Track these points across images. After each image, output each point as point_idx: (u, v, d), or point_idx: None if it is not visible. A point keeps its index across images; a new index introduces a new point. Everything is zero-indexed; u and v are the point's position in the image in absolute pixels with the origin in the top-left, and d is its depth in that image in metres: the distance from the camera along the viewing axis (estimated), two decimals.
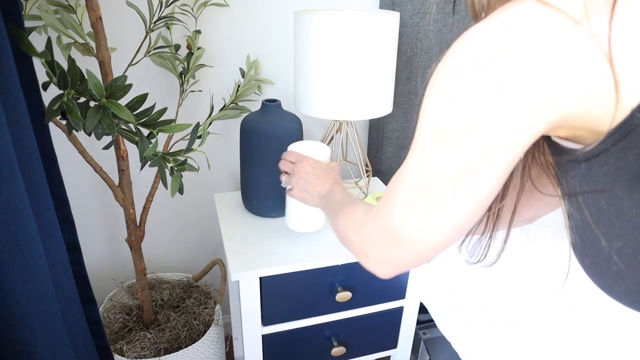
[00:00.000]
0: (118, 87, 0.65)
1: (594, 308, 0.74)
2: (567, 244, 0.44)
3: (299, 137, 1.06)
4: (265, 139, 1.00)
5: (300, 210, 0.94)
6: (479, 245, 0.61)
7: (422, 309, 1.26)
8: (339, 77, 0.95)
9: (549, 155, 0.49)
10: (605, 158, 0.34)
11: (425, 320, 1.37)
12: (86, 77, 0.64)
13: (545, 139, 0.42)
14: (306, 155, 0.84)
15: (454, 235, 0.42)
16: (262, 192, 1.06)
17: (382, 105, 1.03)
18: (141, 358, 1.08)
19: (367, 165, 1.23)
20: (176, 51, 1.05)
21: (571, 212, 0.42)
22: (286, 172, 0.86)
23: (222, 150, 1.30)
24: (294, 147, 0.91)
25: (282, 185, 0.88)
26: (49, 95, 0.63)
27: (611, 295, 0.41)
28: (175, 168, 0.79)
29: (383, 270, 0.51)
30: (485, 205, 0.39)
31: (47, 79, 0.63)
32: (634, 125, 0.31)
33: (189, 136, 0.82)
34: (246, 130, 1.02)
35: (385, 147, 1.36)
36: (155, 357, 1.08)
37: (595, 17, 0.31)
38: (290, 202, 0.95)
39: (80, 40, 0.91)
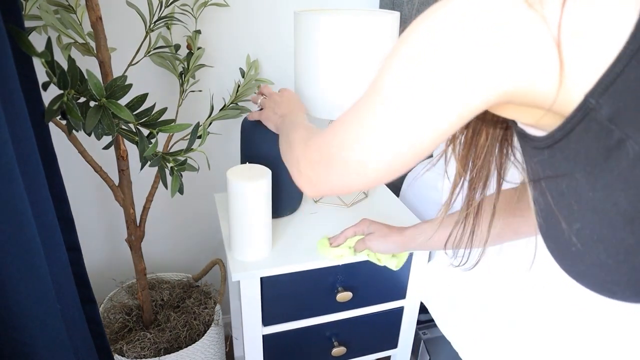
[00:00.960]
0: (118, 87, 0.65)
1: (592, 309, 0.74)
2: None
3: None
4: (265, 138, 1.00)
5: (248, 238, 0.91)
6: (462, 245, 0.64)
7: (422, 309, 1.26)
8: (339, 76, 0.95)
9: (514, 143, 0.53)
10: (566, 143, 0.36)
11: (425, 320, 1.37)
12: (86, 77, 0.64)
13: (514, 127, 0.45)
14: (284, 90, 0.92)
15: (385, 172, 0.44)
16: None
17: None
18: (141, 358, 1.08)
19: None
20: (176, 51, 1.05)
21: (536, 196, 0.44)
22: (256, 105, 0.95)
23: (222, 150, 1.29)
24: (233, 172, 0.88)
25: (254, 103, 0.95)
26: (49, 95, 0.63)
27: (572, 275, 0.44)
28: (175, 168, 0.79)
29: (313, 189, 0.53)
30: (423, 153, 0.41)
31: (47, 79, 0.63)
32: (588, 109, 0.33)
33: (189, 136, 0.82)
34: (246, 130, 1.02)
35: None
36: (155, 357, 1.08)
37: (548, 3, 0.33)
38: (237, 232, 0.91)
39: (80, 40, 0.91)
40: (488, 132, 0.53)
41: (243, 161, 1.06)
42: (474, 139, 0.54)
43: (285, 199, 1.07)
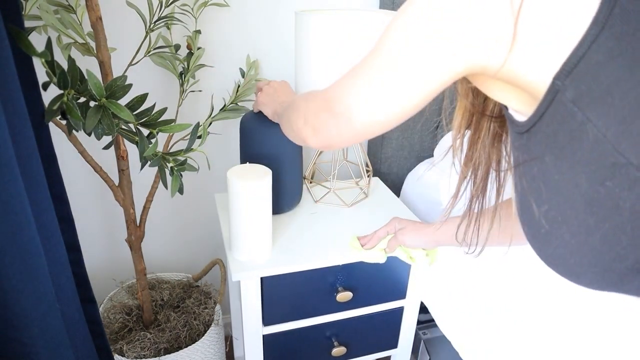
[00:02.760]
0: (118, 87, 0.65)
1: (592, 308, 0.74)
2: None
3: None
4: (265, 137, 1.00)
5: (248, 238, 0.91)
6: (469, 235, 0.68)
7: (422, 309, 1.26)
8: (339, 76, 0.95)
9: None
10: (539, 127, 0.39)
11: (425, 320, 1.37)
12: (86, 77, 0.64)
13: (505, 113, 0.48)
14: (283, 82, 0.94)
15: (371, 123, 0.48)
16: None
17: None
18: (141, 358, 1.08)
19: (367, 165, 1.23)
20: (176, 51, 1.05)
21: (516, 182, 0.47)
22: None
23: (222, 150, 1.29)
24: (234, 172, 0.88)
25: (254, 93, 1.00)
26: (49, 95, 0.63)
27: (544, 259, 0.46)
28: (175, 168, 0.79)
29: (315, 138, 0.57)
30: (405, 111, 0.46)
31: (47, 79, 0.63)
32: (555, 91, 0.36)
33: (189, 136, 0.82)
34: (246, 128, 1.02)
35: (385, 147, 1.36)
36: (155, 357, 1.08)
37: None
38: (238, 232, 0.91)
39: (80, 40, 0.91)
40: (485, 129, 0.56)
41: (242, 159, 1.06)
42: (475, 136, 0.57)
43: (285, 194, 1.07)
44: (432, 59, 0.41)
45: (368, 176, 1.21)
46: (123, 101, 0.66)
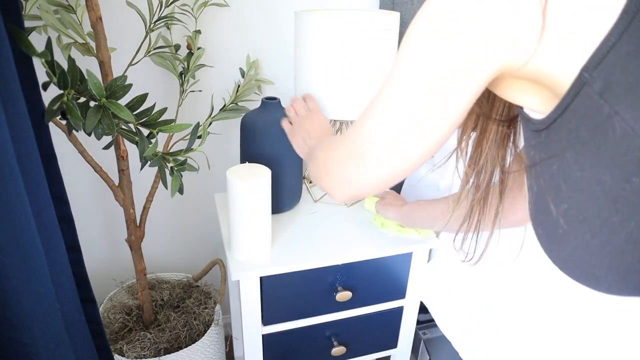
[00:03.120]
0: (118, 87, 0.66)
1: (593, 308, 0.74)
2: None
3: None
4: (265, 137, 1.00)
5: (248, 237, 0.91)
6: (467, 241, 0.67)
7: (422, 309, 1.26)
8: (339, 77, 0.95)
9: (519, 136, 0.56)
10: (560, 123, 0.38)
11: (425, 320, 1.37)
12: (86, 77, 0.64)
13: (520, 113, 0.46)
14: (315, 112, 0.91)
15: (412, 163, 0.46)
16: None
17: None
18: (141, 358, 1.08)
19: None
20: (176, 51, 1.05)
21: (530, 183, 0.45)
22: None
23: (222, 150, 1.30)
24: (233, 172, 0.88)
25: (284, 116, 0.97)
26: (49, 95, 0.63)
27: (558, 263, 0.45)
28: (175, 168, 0.79)
29: (342, 191, 0.54)
30: (433, 149, 0.44)
31: (47, 79, 0.63)
32: (582, 84, 0.34)
33: (189, 136, 0.82)
34: (247, 128, 1.02)
35: None
36: (155, 357, 1.08)
37: None
38: (237, 231, 0.90)
39: (80, 40, 0.91)
40: (493, 131, 0.55)
41: (243, 159, 1.07)
42: (481, 137, 0.55)
43: (285, 194, 1.07)
44: (446, 74, 0.39)
45: None
46: (123, 101, 0.66)
